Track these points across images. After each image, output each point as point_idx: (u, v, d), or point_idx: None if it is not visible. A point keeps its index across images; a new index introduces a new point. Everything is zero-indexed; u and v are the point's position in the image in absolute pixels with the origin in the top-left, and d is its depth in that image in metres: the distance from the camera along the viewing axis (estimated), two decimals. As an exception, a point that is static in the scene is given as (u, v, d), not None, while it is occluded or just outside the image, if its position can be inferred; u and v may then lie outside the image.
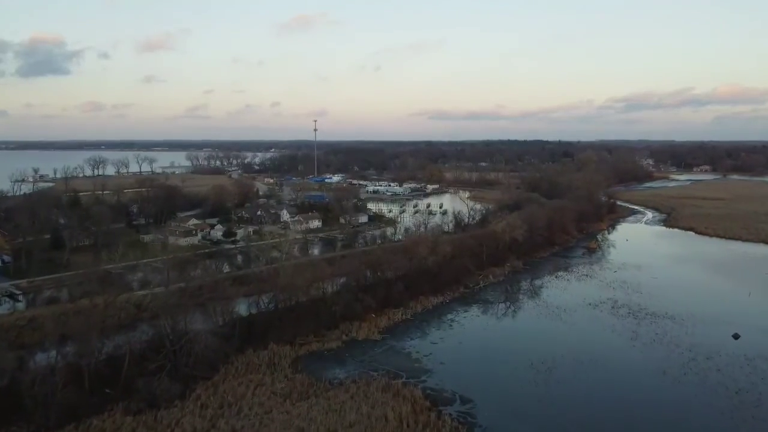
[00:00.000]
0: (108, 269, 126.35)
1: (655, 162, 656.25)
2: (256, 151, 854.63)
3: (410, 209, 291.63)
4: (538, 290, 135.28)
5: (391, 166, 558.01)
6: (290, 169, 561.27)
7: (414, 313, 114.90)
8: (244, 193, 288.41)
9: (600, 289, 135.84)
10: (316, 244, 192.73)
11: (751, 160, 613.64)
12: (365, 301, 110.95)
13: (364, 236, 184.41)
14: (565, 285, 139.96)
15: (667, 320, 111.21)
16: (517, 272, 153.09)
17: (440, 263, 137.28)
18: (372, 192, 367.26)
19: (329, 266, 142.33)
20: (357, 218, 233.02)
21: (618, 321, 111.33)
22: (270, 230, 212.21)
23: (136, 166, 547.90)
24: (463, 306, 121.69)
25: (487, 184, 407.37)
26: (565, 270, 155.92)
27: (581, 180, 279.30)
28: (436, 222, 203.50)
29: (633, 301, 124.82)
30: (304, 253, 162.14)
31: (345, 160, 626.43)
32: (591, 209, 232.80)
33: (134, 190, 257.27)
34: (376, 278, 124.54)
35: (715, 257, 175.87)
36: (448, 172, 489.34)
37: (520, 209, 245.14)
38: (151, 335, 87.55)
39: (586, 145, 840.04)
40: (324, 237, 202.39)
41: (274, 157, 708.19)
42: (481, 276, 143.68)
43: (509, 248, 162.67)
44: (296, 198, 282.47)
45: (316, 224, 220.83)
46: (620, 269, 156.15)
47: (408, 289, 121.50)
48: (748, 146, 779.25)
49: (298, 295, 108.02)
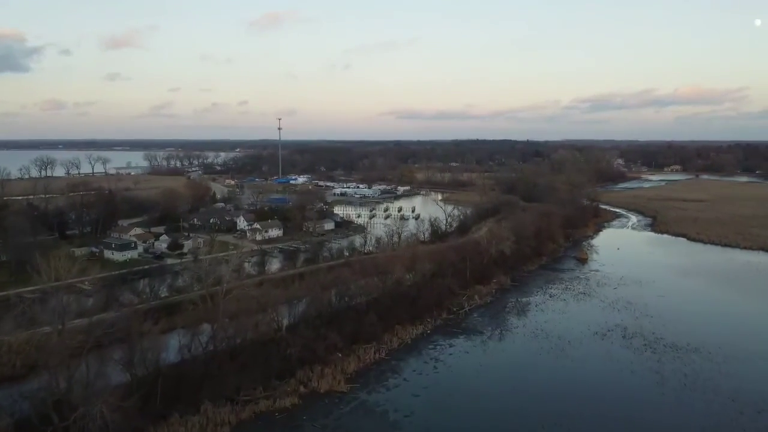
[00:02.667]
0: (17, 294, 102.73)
1: (626, 162, 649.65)
2: (222, 151, 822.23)
3: (380, 213, 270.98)
4: (533, 315, 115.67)
5: (360, 166, 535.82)
6: (254, 169, 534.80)
7: (389, 350, 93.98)
8: (198, 196, 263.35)
9: (603, 312, 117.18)
10: (276, 256, 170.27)
11: (721, 160, 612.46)
12: (329, 338, 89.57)
13: (330, 248, 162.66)
14: (562, 307, 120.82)
15: (693, 355, 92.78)
16: (505, 290, 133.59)
17: (419, 284, 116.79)
18: (339, 194, 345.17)
19: (287, 288, 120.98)
20: (322, 225, 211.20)
21: (635, 357, 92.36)
22: (224, 240, 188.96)
23: (88, 166, 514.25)
24: (448, 338, 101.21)
25: (461, 185, 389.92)
26: (559, 286, 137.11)
27: (562, 181, 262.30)
28: (411, 230, 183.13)
29: (645, 327, 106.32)
30: (260, 270, 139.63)
31: (312, 160, 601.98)
32: (576, 213, 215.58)
33: (68, 194, 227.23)
34: (343, 305, 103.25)
35: (719, 269, 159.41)
36: (419, 172, 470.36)
37: (499, 213, 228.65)
38: (34, 401, 64.56)
39: (557, 145, 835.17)
40: (285, 248, 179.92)
41: (238, 157, 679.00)
42: (465, 296, 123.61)
43: (495, 262, 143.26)
44: (256, 202, 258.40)
45: (276, 233, 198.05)
46: (620, 285, 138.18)
47: (382, 319, 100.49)
48: (713, 146, 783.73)
49: (244, 332, 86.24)
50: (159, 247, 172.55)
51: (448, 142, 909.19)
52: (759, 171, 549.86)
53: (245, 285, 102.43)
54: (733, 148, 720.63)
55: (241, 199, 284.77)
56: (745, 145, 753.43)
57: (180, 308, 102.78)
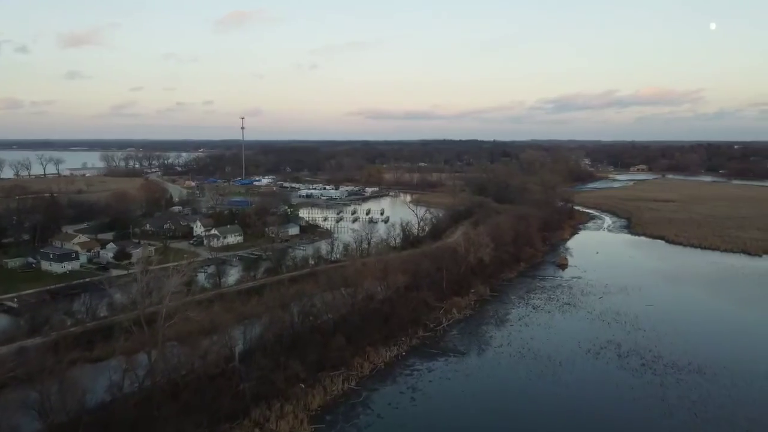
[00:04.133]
0: None
1: (592, 162, 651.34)
2: (186, 151, 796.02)
3: (348, 216, 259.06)
4: (517, 330, 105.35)
5: (327, 166, 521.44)
6: (216, 170, 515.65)
7: (360, 378, 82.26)
8: (153, 199, 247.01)
9: (592, 325, 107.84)
10: (235, 265, 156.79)
11: (685, 160, 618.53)
12: (290, 367, 77.30)
13: (294, 256, 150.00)
14: (547, 320, 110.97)
15: (697, 377, 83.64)
16: (484, 301, 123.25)
17: (392, 298, 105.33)
18: (305, 196, 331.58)
19: (245, 303, 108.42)
20: (286, 230, 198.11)
21: (635, 380, 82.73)
22: (179, 248, 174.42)
23: (40, 168, 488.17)
24: (426, 360, 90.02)
25: (430, 185, 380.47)
26: (541, 296, 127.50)
27: (536, 182, 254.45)
28: (381, 235, 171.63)
29: (639, 343, 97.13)
30: (216, 283, 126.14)
31: (277, 160, 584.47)
32: (552, 216, 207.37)
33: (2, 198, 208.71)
34: (307, 325, 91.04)
35: (704, 273, 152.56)
36: (387, 172, 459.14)
37: (473, 216, 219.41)
38: None
39: (523, 145, 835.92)
40: (245, 256, 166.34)
41: (200, 158, 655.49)
42: (442, 310, 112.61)
43: (472, 270, 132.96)
44: (215, 205, 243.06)
45: (236, 239, 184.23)
46: (605, 294, 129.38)
47: (351, 341, 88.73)
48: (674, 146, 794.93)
49: (189, 363, 73.54)
50: (105, 256, 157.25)
51: (415, 142, 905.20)
52: (723, 171, 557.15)
53: (192, 304, 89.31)
54: (696, 148, 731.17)
55: (200, 201, 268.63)
56: (706, 145, 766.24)
57: (117, 332, 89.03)
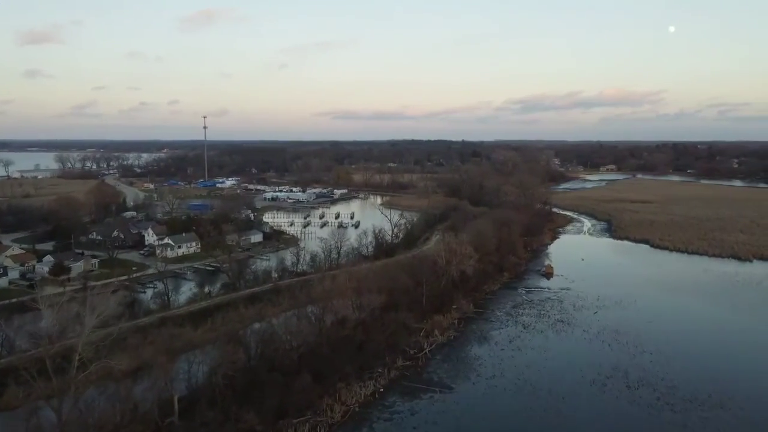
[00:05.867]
0: None
1: (561, 162, 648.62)
2: (150, 152, 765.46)
3: (316, 220, 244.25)
4: (509, 356, 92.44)
5: (294, 167, 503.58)
6: (178, 171, 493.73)
7: (331, 427, 68.15)
8: (104, 204, 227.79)
9: (591, 347, 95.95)
10: (191, 279, 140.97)
11: (653, 160, 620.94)
12: (244, 419, 62.83)
13: (255, 269, 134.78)
14: (541, 342, 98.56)
15: (721, 412, 71.98)
16: (468, 320, 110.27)
17: (366, 321, 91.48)
18: (270, 199, 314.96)
19: (194, 328, 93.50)
20: (248, 237, 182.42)
21: (651, 418, 70.68)
22: (128, 259, 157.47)
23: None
24: (408, 399, 76.32)
25: (401, 187, 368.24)
26: (530, 312, 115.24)
27: (514, 184, 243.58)
28: (351, 242, 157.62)
29: (648, 370, 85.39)
30: (162, 304, 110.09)
31: (242, 161, 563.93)
32: (533, 220, 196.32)
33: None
34: (265, 360, 76.54)
35: (698, 281, 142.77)
36: (356, 173, 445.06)
37: (449, 219, 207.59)
38: None
39: (492, 145, 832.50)
40: (201, 267, 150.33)
41: (162, 158, 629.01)
42: (423, 331, 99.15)
43: (453, 283, 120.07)
44: (172, 209, 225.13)
45: (192, 248, 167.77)
46: (599, 308, 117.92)
47: (319, 378, 74.50)
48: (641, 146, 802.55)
49: (114, 420, 58.48)
50: (40, 271, 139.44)
51: (384, 143, 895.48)
52: (691, 171, 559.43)
53: (130, 332, 73.92)
54: (662, 148, 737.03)
55: (157, 206, 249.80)
56: (672, 145, 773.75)
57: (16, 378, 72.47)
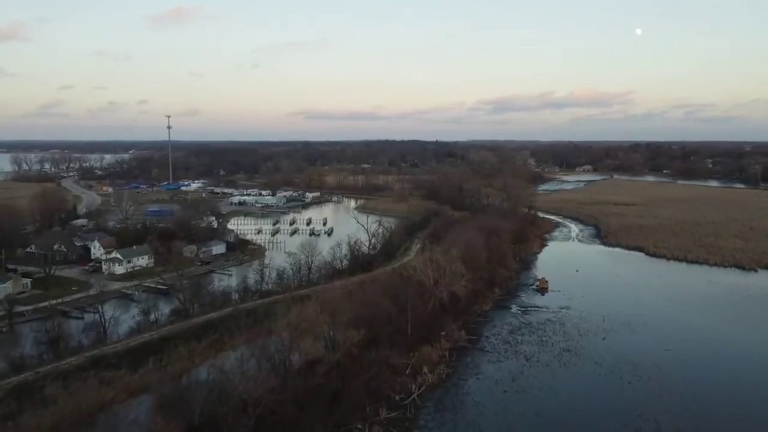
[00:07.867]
0: None
1: (537, 162, 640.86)
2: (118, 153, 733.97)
3: (286, 227, 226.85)
4: (514, 400, 77.09)
5: (264, 169, 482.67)
6: (142, 173, 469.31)
7: None
8: (50, 211, 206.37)
9: (609, 387, 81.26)
10: (138, 301, 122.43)
11: (629, 160, 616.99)
12: None
13: (213, 289, 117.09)
14: (548, 380, 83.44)
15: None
16: (461, 350, 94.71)
17: (342, 364, 75.04)
18: (237, 203, 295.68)
19: (132, 373, 76.19)
20: (209, 248, 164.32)
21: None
22: (68, 277, 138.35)
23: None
24: (396, 469, 60.45)
25: (376, 189, 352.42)
26: (531, 339, 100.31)
27: (498, 187, 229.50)
28: (324, 255, 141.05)
29: (682, 417, 70.94)
30: (97, 337, 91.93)
31: (210, 162, 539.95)
32: (520, 226, 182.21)
33: None
34: (211, 426, 59.56)
35: (708, 296, 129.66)
36: (329, 175, 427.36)
37: (429, 226, 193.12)
38: None
39: (465, 145, 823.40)
40: (152, 286, 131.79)
41: (126, 160, 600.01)
42: (409, 368, 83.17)
43: (441, 305, 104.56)
44: (127, 217, 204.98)
45: (145, 262, 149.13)
46: (607, 332, 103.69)
47: (282, 447, 58.10)
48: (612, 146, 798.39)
49: None
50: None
51: (358, 143, 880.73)
52: (667, 171, 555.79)
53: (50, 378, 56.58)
54: (636, 148, 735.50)
55: (112, 212, 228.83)
56: (645, 145, 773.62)
57: None
